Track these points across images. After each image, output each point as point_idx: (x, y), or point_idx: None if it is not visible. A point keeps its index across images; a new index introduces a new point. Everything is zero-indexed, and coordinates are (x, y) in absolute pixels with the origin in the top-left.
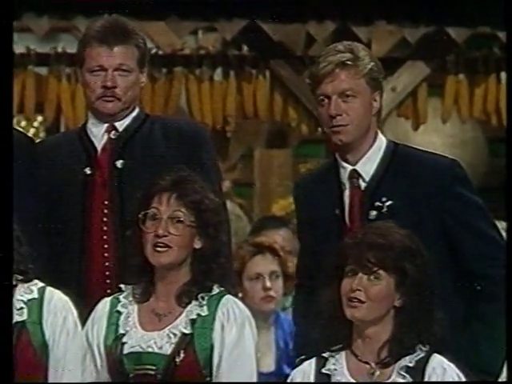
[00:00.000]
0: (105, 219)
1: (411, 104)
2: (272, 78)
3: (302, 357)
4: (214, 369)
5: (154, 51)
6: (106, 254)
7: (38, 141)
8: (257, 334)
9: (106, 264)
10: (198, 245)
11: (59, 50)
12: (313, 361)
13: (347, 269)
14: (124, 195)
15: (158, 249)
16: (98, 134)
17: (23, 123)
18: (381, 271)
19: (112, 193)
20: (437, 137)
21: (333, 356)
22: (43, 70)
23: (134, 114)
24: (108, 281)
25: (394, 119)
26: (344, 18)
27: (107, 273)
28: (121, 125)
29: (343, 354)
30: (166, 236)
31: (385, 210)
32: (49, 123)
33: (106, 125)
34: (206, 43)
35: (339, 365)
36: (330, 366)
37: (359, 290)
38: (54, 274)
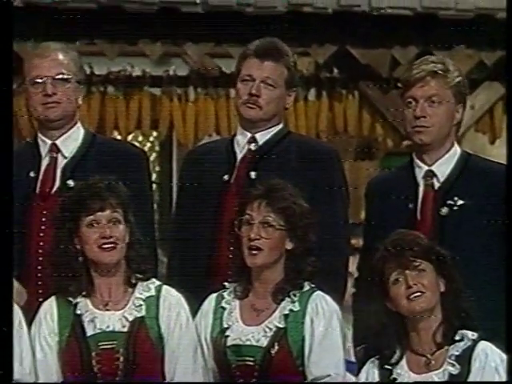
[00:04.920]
0: (235, 222)
1: (488, 120)
2: (360, 97)
3: (363, 345)
4: (306, 359)
5: None
6: (230, 256)
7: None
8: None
9: (231, 265)
10: (289, 246)
11: (171, 72)
12: (375, 359)
13: (392, 277)
14: None
15: (252, 251)
16: (242, 143)
17: (140, 138)
18: (423, 263)
19: None
20: None
21: (394, 352)
22: (157, 91)
23: (276, 129)
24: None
25: (472, 134)
26: (426, 44)
27: (229, 272)
28: (261, 138)
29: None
30: (257, 239)
31: (456, 208)
32: (162, 138)
33: (249, 135)
34: (301, 66)
35: (399, 359)
36: (391, 361)
37: (415, 284)
38: (181, 273)
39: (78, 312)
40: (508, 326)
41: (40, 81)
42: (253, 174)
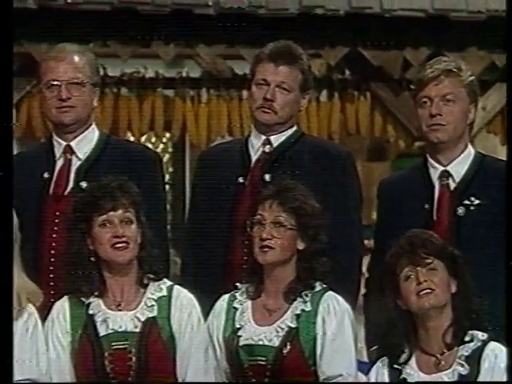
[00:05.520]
0: (247, 222)
1: (500, 121)
2: (372, 98)
3: (376, 347)
4: (318, 359)
5: None
6: (245, 258)
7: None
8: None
9: (244, 267)
10: (300, 246)
11: (184, 74)
12: (385, 358)
13: (403, 274)
14: None
15: (263, 249)
16: (256, 146)
17: (153, 139)
18: (435, 261)
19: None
20: None
21: (403, 352)
22: (170, 92)
23: (291, 131)
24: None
25: (484, 135)
26: (438, 45)
27: (244, 274)
28: (276, 140)
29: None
30: (269, 239)
31: (473, 208)
32: (175, 139)
33: (263, 138)
34: (313, 68)
35: (407, 358)
36: (400, 360)
37: (425, 281)
38: (196, 274)
39: (91, 312)
40: (508, 326)
41: (55, 84)
42: (267, 177)
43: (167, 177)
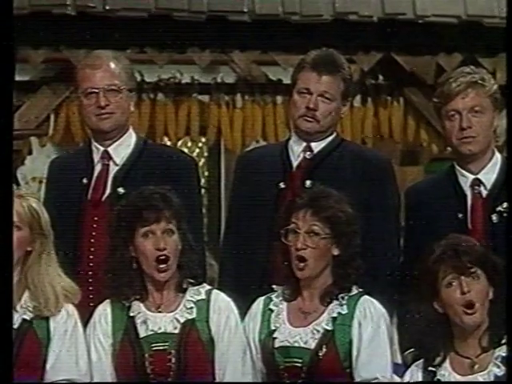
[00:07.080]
0: (281, 232)
1: None
2: (405, 103)
3: (411, 349)
4: (354, 361)
5: None
6: (285, 263)
7: (245, 150)
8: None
9: (283, 271)
10: (335, 252)
11: (218, 80)
12: (420, 361)
13: (446, 280)
14: None
15: (300, 264)
16: (297, 151)
17: (189, 144)
18: (478, 270)
19: None
20: None
21: (438, 354)
22: (205, 98)
23: (331, 138)
24: None
25: None
26: (471, 51)
27: (281, 277)
28: (316, 146)
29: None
30: (304, 249)
31: (506, 214)
32: (211, 144)
33: (304, 144)
34: None
35: (442, 360)
36: (435, 362)
37: (469, 291)
38: (235, 275)
39: (132, 314)
40: (508, 327)
41: (93, 92)
42: (308, 183)
43: (202, 181)
